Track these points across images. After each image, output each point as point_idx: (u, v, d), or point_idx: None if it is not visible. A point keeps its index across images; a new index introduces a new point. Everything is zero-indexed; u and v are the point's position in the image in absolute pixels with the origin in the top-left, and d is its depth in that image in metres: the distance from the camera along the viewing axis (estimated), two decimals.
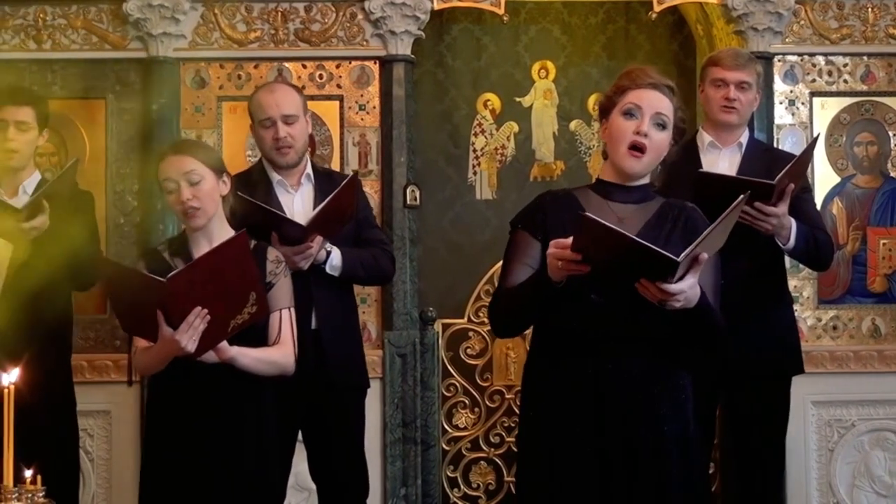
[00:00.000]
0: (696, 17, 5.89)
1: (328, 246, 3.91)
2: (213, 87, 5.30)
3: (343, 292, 4.08)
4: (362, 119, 5.30)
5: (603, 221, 2.59)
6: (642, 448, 2.86)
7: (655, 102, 2.94)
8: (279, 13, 5.31)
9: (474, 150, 6.24)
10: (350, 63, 5.33)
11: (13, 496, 2.82)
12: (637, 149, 2.91)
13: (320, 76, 5.30)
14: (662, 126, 2.94)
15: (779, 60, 5.35)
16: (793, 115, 5.36)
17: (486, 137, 6.26)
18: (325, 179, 4.07)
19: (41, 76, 5.25)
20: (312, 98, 5.00)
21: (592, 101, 6.25)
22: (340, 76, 5.30)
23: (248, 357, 3.34)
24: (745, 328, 3.74)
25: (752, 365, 4.07)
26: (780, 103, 5.33)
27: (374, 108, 5.30)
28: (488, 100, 6.25)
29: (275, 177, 4.02)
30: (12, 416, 2.86)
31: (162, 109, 5.22)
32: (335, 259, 3.93)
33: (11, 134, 4.08)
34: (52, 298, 4.10)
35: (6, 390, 2.90)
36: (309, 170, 4.07)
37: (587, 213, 2.62)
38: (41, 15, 5.27)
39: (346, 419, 4.06)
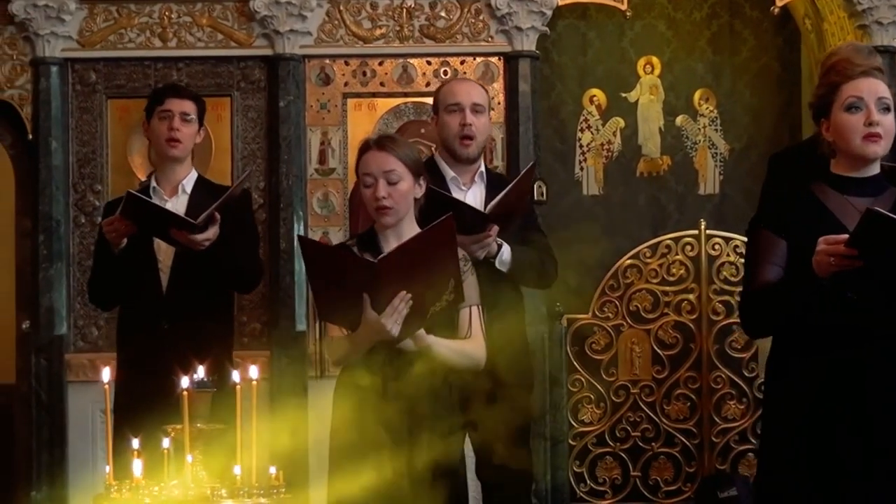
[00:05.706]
0: (804, 12, 5.89)
1: (498, 240, 3.91)
2: (339, 83, 5.30)
3: (508, 288, 4.08)
4: None
5: (892, 216, 2.59)
6: None
7: (875, 88, 2.95)
8: (404, 10, 5.31)
9: (581, 146, 6.26)
10: (475, 59, 5.33)
11: (259, 492, 2.83)
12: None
13: (444, 72, 5.29)
14: (888, 109, 2.96)
15: None
16: None
17: (592, 133, 6.27)
18: (497, 180, 4.08)
19: (166, 74, 5.25)
20: None
21: (698, 96, 6.27)
22: (465, 73, 5.30)
23: (443, 346, 3.32)
24: None
25: None
26: None
27: (499, 104, 5.30)
28: (594, 95, 6.26)
29: (449, 173, 4.02)
30: (255, 412, 2.87)
31: (287, 106, 5.23)
32: (505, 254, 3.93)
33: (176, 124, 4.07)
34: (216, 300, 4.11)
35: (239, 387, 2.91)
36: (483, 169, 4.08)
37: (876, 209, 2.62)
38: (167, 13, 5.26)
39: (510, 415, 4.05)
